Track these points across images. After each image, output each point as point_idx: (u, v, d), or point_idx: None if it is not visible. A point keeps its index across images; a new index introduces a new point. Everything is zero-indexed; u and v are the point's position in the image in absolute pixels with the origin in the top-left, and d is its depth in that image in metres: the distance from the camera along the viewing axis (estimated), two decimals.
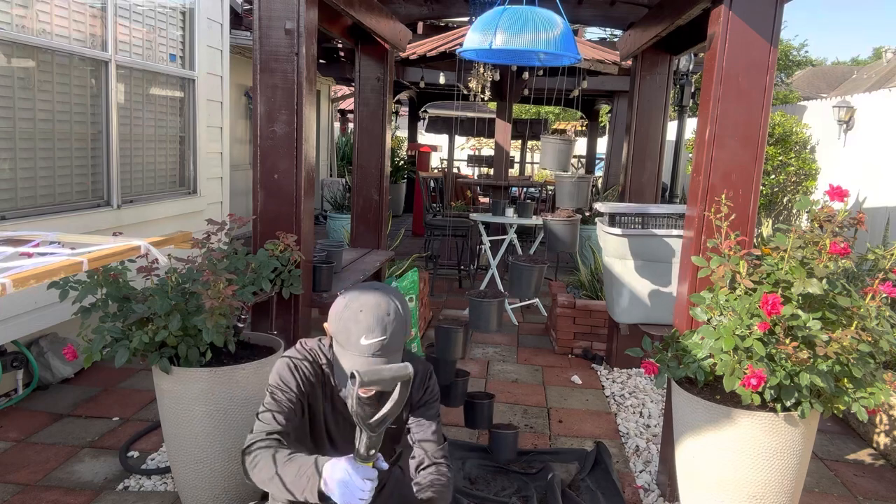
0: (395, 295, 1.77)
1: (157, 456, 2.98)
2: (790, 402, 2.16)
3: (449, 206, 7.92)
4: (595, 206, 3.65)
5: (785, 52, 29.00)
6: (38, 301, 3.40)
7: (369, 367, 1.62)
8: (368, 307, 1.70)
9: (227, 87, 5.47)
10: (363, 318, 1.68)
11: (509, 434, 2.98)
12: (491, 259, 6.04)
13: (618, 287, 3.68)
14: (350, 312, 1.70)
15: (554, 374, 4.31)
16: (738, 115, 2.57)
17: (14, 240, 2.46)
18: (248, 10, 7.95)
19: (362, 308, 1.70)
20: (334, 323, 1.74)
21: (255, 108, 2.96)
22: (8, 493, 2.65)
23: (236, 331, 2.61)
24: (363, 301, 1.72)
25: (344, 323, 1.71)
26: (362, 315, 1.69)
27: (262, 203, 3.00)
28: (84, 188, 3.92)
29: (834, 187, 2.31)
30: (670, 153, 8.27)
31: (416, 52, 6.99)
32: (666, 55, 4.22)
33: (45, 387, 3.69)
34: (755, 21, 2.52)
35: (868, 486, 3.02)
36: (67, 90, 3.74)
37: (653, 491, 2.87)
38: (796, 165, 8.38)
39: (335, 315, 1.75)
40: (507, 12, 2.41)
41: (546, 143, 3.41)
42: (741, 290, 2.32)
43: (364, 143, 4.56)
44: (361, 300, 1.72)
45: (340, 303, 1.75)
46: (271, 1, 2.89)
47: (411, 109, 13.25)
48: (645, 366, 2.44)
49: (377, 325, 1.68)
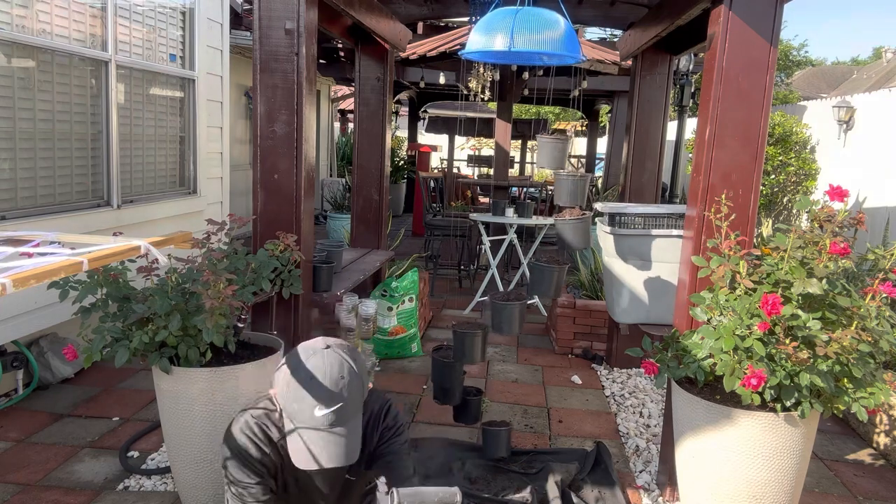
0: (345, 350, 1.59)
1: (157, 456, 2.98)
2: (790, 402, 2.16)
3: (449, 206, 7.91)
4: (595, 205, 3.65)
5: (785, 52, 29.00)
6: (38, 301, 3.40)
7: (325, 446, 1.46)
8: (318, 372, 1.51)
9: (227, 87, 5.47)
10: (314, 386, 1.49)
11: (502, 431, 2.98)
12: (491, 259, 6.04)
13: (618, 287, 3.68)
14: (297, 382, 1.51)
15: (554, 374, 4.31)
16: (738, 115, 2.57)
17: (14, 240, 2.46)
18: (248, 10, 7.95)
19: (311, 376, 1.51)
20: (281, 396, 1.55)
21: (255, 108, 2.96)
22: (8, 493, 2.65)
23: (236, 331, 2.61)
24: (312, 366, 1.52)
25: (292, 395, 1.51)
26: (313, 383, 1.49)
27: (262, 203, 3.00)
28: (84, 188, 3.92)
29: (834, 187, 2.31)
30: (670, 153, 8.27)
31: (416, 52, 6.99)
32: (666, 55, 4.22)
33: (45, 387, 3.69)
34: (755, 21, 2.52)
35: (868, 486, 3.02)
36: (67, 90, 3.74)
37: (653, 491, 2.87)
38: (796, 165, 8.38)
39: (281, 386, 1.55)
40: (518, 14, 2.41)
41: (542, 141, 3.41)
42: (741, 290, 2.32)
43: (364, 143, 4.57)
44: (310, 365, 1.53)
45: (284, 373, 1.55)
46: (271, 1, 2.89)
47: (411, 109, 13.25)
48: (645, 366, 2.44)
49: (331, 392, 1.50)
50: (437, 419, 3.48)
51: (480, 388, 3.13)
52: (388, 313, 4.41)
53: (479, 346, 2.86)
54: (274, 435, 1.68)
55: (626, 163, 4.39)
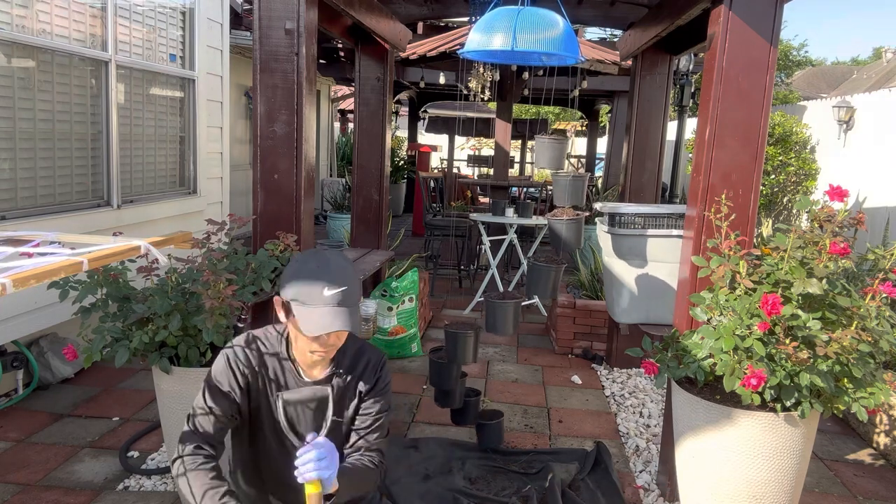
0: (342, 254, 1.80)
1: (157, 456, 2.98)
2: (790, 402, 2.17)
3: (449, 206, 7.92)
4: (595, 205, 3.65)
5: (785, 52, 29.00)
6: (38, 301, 3.40)
7: (335, 318, 1.64)
8: (324, 263, 1.71)
9: (227, 87, 5.47)
10: (322, 272, 1.69)
11: (493, 424, 2.99)
12: (491, 259, 6.04)
13: (618, 287, 3.68)
14: (308, 270, 1.70)
15: (554, 374, 4.31)
16: (738, 115, 2.57)
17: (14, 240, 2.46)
18: (248, 10, 7.95)
19: (318, 265, 1.71)
20: (292, 285, 1.70)
21: (255, 108, 2.96)
22: (8, 493, 2.65)
23: (236, 331, 2.61)
24: (318, 260, 1.72)
25: (304, 280, 1.69)
26: (320, 270, 1.69)
27: (262, 203, 3.00)
28: (84, 188, 3.92)
29: (834, 187, 2.31)
30: (670, 153, 8.27)
31: (416, 52, 6.99)
32: (666, 55, 4.22)
33: (45, 387, 3.69)
34: (755, 21, 2.52)
35: (868, 486, 3.02)
36: (67, 90, 3.74)
37: (653, 491, 2.87)
38: (796, 165, 8.38)
39: (290, 277, 1.72)
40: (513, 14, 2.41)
41: (540, 141, 3.41)
42: (741, 290, 2.32)
43: (364, 143, 4.57)
44: (315, 260, 1.72)
45: (292, 267, 1.75)
46: (271, 1, 2.89)
47: (411, 109, 13.25)
48: (645, 366, 2.44)
49: (337, 277, 1.68)
50: (437, 419, 3.48)
51: (478, 390, 3.13)
52: (388, 313, 4.41)
53: (471, 347, 2.86)
54: (266, 347, 1.82)
55: (626, 163, 4.39)
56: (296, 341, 1.76)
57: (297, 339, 1.74)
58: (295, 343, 1.77)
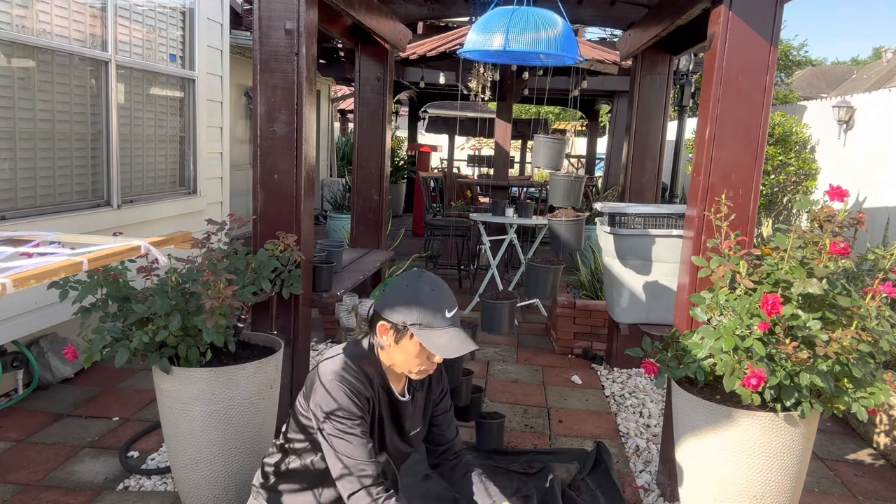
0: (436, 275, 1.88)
1: (157, 456, 2.98)
2: (790, 402, 2.16)
3: (449, 205, 7.92)
4: (595, 205, 3.65)
5: (785, 52, 28.99)
6: (38, 301, 3.40)
7: (463, 339, 1.74)
8: (437, 286, 1.80)
9: (227, 87, 5.47)
10: (438, 295, 1.78)
11: (494, 424, 2.99)
12: (491, 259, 6.04)
13: (618, 287, 3.68)
14: (424, 294, 1.77)
15: (554, 374, 4.31)
16: (738, 115, 2.57)
17: (14, 240, 2.46)
18: (248, 10, 7.95)
19: (433, 287, 1.79)
20: (412, 310, 1.76)
21: (255, 108, 2.96)
22: (8, 493, 2.65)
23: (236, 331, 2.61)
24: (429, 283, 1.80)
25: (424, 304, 1.76)
26: (436, 294, 1.78)
27: (262, 203, 3.00)
28: (84, 188, 3.92)
29: (834, 187, 2.31)
30: (670, 153, 8.26)
31: (416, 52, 6.99)
32: (666, 55, 4.22)
33: (45, 387, 3.69)
34: (755, 21, 2.52)
35: (868, 486, 3.02)
36: (67, 90, 3.74)
37: (653, 491, 2.87)
38: (796, 165, 8.38)
39: (405, 301, 1.77)
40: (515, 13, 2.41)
41: (538, 141, 3.41)
42: (741, 290, 2.32)
43: (364, 143, 4.56)
44: (424, 281, 1.80)
45: (403, 291, 1.79)
46: (271, 1, 2.89)
47: (411, 109, 13.25)
48: (645, 366, 2.44)
49: (449, 298, 1.80)
50: None
51: (481, 387, 3.13)
52: None
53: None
54: (370, 372, 1.85)
55: (626, 163, 4.39)
56: (396, 360, 1.83)
57: (405, 357, 1.80)
58: (392, 361, 1.84)
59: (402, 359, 1.81)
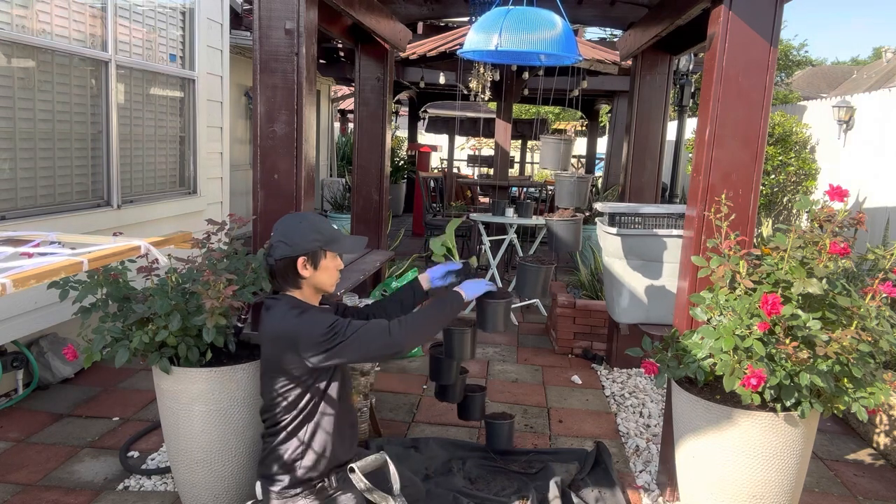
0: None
1: (157, 456, 2.98)
2: (790, 402, 2.17)
3: (449, 205, 7.92)
4: (595, 205, 3.65)
5: (785, 52, 28.97)
6: (38, 301, 3.40)
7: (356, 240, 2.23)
8: (314, 216, 2.21)
9: (227, 87, 5.47)
10: (320, 219, 2.18)
11: (505, 424, 2.99)
12: (491, 259, 6.04)
13: (618, 287, 3.68)
14: (314, 222, 2.15)
15: (554, 374, 4.31)
16: (738, 115, 2.57)
17: (14, 240, 2.46)
18: (248, 10, 7.95)
19: (313, 217, 2.18)
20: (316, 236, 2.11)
21: (255, 108, 2.96)
22: (8, 493, 2.65)
23: (237, 331, 2.61)
24: (307, 216, 2.17)
25: (320, 228, 2.13)
26: (318, 218, 2.18)
27: (262, 203, 3.00)
28: (84, 188, 3.92)
29: (834, 187, 2.31)
30: (670, 153, 8.27)
31: (416, 52, 6.99)
32: (666, 55, 4.22)
33: (45, 387, 3.69)
34: (755, 21, 2.52)
35: (868, 486, 3.02)
36: (67, 90, 3.74)
37: (653, 491, 2.87)
38: (796, 165, 8.38)
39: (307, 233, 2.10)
40: (509, 13, 2.41)
41: (545, 142, 3.41)
42: (741, 290, 2.32)
43: (364, 143, 4.56)
44: (306, 216, 2.17)
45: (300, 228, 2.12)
46: (271, 1, 2.89)
47: (411, 109, 13.25)
48: (645, 366, 2.44)
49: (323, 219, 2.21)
50: (437, 419, 3.48)
51: (483, 386, 3.13)
52: None
53: (468, 343, 2.86)
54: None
55: (626, 163, 4.39)
56: (320, 281, 2.16)
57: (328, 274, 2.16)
58: (315, 284, 2.17)
59: (326, 277, 2.15)
